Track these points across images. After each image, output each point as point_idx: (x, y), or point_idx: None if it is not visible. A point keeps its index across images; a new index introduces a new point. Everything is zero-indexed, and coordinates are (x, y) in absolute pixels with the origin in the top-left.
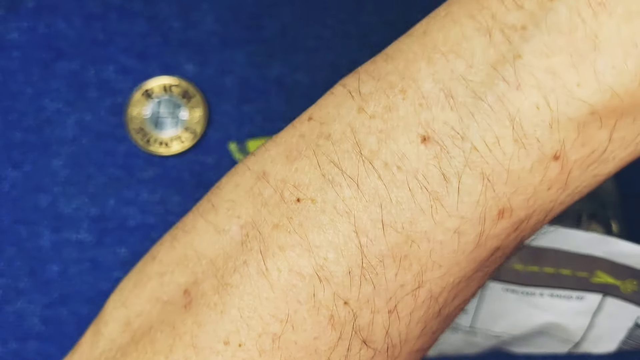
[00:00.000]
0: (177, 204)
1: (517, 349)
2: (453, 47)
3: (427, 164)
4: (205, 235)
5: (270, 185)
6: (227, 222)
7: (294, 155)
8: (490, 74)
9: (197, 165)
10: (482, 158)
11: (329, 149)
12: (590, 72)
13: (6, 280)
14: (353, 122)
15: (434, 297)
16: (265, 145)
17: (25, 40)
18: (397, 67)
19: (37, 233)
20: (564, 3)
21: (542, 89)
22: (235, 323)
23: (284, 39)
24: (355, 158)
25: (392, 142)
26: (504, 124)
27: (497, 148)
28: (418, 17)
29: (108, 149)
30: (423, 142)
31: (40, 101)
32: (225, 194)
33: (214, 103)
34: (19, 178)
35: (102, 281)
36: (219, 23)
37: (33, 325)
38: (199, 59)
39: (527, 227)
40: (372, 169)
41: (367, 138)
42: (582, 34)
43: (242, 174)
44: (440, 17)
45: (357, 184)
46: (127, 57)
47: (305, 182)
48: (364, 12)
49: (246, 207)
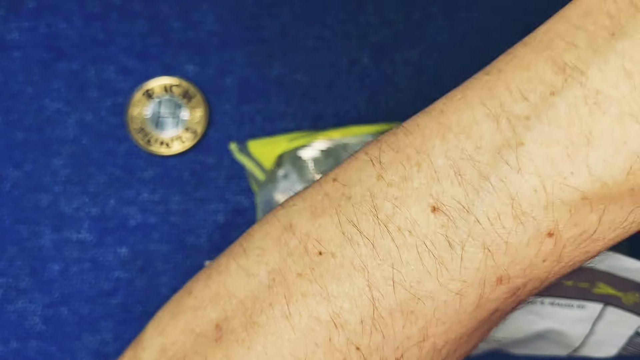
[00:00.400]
0: (177, 204)
1: (517, 351)
2: (465, 129)
3: (435, 231)
4: (237, 277)
5: (295, 237)
6: (257, 267)
7: (318, 212)
8: (495, 157)
9: (198, 165)
10: (484, 230)
11: (349, 209)
12: (583, 164)
13: (7, 280)
14: (372, 187)
15: (437, 349)
16: (293, 199)
17: (26, 40)
18: (415, 142)
19: (38, 232)
20: (563, 99)
21: (539, 174)
22: (260, 359)
23: (284, 39)
24: (372, 220)
25: (406, 209)
26: (504, 202)
27: (498, 222)
28: (417, 17)
29: (109, 148)
30: (433, 212)
31: (41, 101)
32: (256, 240)
33: (215, 103)
34: (19, 178)
35: (103, 281)
36: (220, 23)
37: (34, 325)
38: (199, 59)
39: (523, 292)
40: (386, 232)
41: (384, 203)
42: (577, 129)
43: (271, 224)
44: (456, 99)
45: (372, 244)
46: (127, 57)
47: (327, 237)
48: (364, 12)
49: (273, 255)
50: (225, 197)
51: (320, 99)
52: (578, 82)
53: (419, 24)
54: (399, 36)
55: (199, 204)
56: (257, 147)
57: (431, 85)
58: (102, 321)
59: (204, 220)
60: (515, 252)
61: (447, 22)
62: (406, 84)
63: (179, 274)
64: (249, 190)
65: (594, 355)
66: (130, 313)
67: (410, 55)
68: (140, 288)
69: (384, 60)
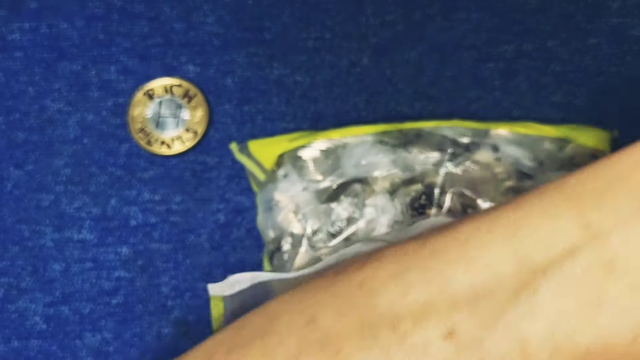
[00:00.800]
0: (178, 204)
1: None
2: (488, 264)
3: (447, 356)
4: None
5: (318, 330)
6: (275, 350)
7: (342, 312)
8: (511, 298)
9: (199, 165)
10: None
11: (374, 318)
12: (591, 323)
13: (8, 279)
14: (396, 302)
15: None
16: (320, 288)
17: (27, 40)
18: (439, 265)
19: (39, 232)
20: (583, 259)
21: (550, 323)
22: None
23: (285, 40)
24: (390, 333)
25: (424, 329)
26: (514, 342)
27: (507, 358)
28: (416, 18)
29: (110, 149)
30: (448, 336)
31: (42, 101)
32: (282, 325)
33: (215, 103)
34: (21, 177)
35: (104, 280)
36: (220, 24)
37: (35, 324)
38: (200, 59)
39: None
40: (402, 346)
41: (405, 319)
42: (590, 290)
43: (296, 314)
44: (482, 232)
45: (387, 353)
46: (128, 57)
47: (345, 336)
48: (364, 13)
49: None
50: (226, 197)
51: (320, 99)
52: (600, 244)
53: (419, 25)
54: (398, 37)
55: (199, 204)
56: (257, 147)
57: (431, 86)
58: (102, 320)
59: (205, 220)
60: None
61: (446, 23)
62: (406, 85)
63: (180, 273)
64: (250, 190)
65: None
66: (131, 312)
67: (410, 56)
68: (141, 287)
69: (383, 61)
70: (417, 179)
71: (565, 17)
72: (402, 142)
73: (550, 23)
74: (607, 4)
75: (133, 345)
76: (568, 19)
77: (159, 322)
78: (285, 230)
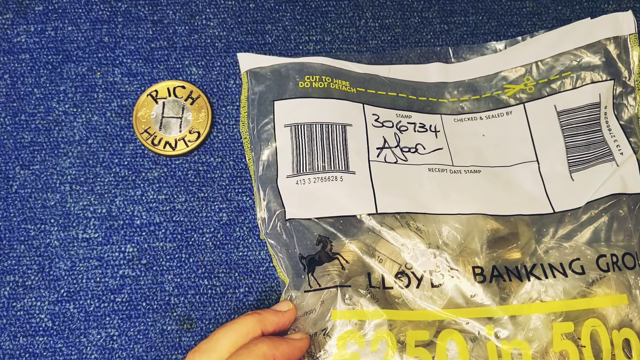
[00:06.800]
0: (182, 203)
1: None
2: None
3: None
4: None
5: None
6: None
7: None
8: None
9: (202, 165)
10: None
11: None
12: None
13: (14, 278)
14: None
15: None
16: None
17: (33, 43)
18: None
19: (46, 231)
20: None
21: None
22: None
23: (286, 43)
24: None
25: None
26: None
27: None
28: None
29: (115, 149)
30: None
31: (48, 103)
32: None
33: (218, 105)
34: (28, 177)
35: (109, 278)
36: (223, 27)
37: (41, 321)
38: (203, 62)
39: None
40: None
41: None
42: None
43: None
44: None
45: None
46: (133, 60)
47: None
48: (363, 17)
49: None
50: (229, 196)
51: None
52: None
53: (417, 29)
54: (397, 40)
55: (203, 203)
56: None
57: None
58: (107, 317)
59: (208, 219)
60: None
61: (443, 27)
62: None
63: (184, 271)
64: (252, 189)
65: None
66: (136, 310)
67: (409, 58)
68: (145, 285)
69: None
70: None
71: (561, 21)
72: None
73: (545, 26)
74: (602, 7)
75: (137, 342)
76: (563, 23)
77: (163, 319)
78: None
